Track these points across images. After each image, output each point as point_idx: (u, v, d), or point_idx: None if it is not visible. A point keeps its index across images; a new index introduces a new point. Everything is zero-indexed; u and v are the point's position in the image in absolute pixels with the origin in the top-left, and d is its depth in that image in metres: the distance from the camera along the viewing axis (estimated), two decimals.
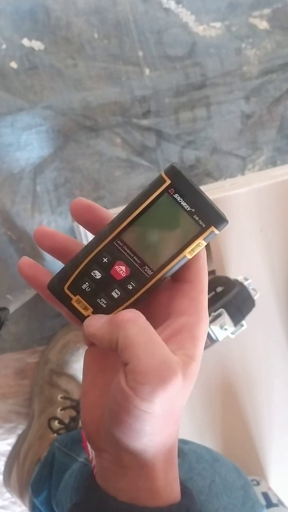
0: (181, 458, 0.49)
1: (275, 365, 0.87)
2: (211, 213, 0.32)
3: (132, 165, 0.84)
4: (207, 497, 0.46)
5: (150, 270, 0.33)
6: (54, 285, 0.34)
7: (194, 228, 0.32)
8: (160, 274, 0.33)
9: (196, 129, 0.86)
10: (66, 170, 0.81)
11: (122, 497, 0.32)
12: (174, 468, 0.34)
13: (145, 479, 0.32)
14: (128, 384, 0.29)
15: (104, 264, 0.33)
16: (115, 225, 0.32)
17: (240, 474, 0.51)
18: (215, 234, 0.32)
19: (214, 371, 0.83)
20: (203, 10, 0.85)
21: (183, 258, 0.32)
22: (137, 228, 0.32)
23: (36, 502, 0.66)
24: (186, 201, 0.31)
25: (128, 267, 0.33)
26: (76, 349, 0.78)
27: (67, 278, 0.34)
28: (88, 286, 0.34)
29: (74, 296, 0.34)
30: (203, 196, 0.31)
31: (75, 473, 0.57)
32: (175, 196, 0.31)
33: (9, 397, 0.81)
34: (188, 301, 0.33)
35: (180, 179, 0.31)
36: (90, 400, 0.34)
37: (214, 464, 0.50)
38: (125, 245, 0.33)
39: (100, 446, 0.33)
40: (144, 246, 0.33)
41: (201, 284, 0.34)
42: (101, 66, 0.82)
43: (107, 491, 0.33)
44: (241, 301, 0.76)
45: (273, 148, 0.90)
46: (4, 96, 0.78)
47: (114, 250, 0.33)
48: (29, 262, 0.35)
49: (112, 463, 0.32)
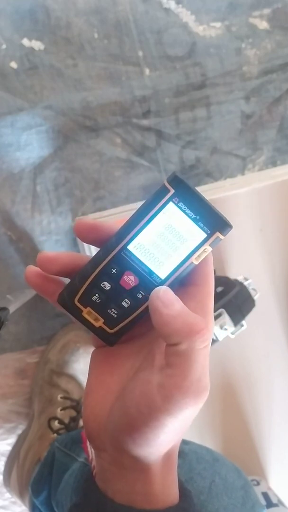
0: (182, 458, 0.49)
1: (275, 365, 0.87)
2: (215, 220, 0.32)
3: (132, 165, 0.84)
4: (208, 497, 0.46)
5: (158, 278, 0.33)
6: (64, 299, 0.35)
7: (200, 235, 0.32)
8: (168, 282, 0.33)
9: (196, 129, 0.86)
10: (66, 170, 0.81)
11: (120, 499, 0.32)
12: (173, 472, 0.34)
13: (143, 483, 0.32)
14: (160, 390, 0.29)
15: (113, 275, 0.33)
16: (122, 237, 0.33)
17: (240, 474, 0.51)
18: (220, 240, 0.33)
19: (214, 371, 0.83)
20: (203, 10, 0.85)
21: (190, 264, 0.33)
22: (144, 238, 0.33)
23: (36, 502, 0.66)
24: (190, 209, 0.32)
25: (136, 277, 0.33)
26: (76, 349, 0.78)
27: (77, 291, 0.34)
28: (98, 297, 0.34)
29: (85, 308, 0.35)
30: (206, 203, 0.32)
31: (75, 473, 0.57)
32: (180, 204, 0.32)
33: (9, 397, 0.81)
34: (194, 304, 0.33)
35: (184, 188, 0.32)
36: (95, 399, 0.34)
37: (214, 464, 0.50)
38: (132, 255, 0.33)
39: (100, 446, 0.33)
40: (151, 255, 0.33)
41: (207, 288, 0.34)
42: (101, 66, 0.82)
43: (105, 492, 0.33)
44: (241, 301, 0.76)
45: (273, 148, 0.90)
46: (4, 96, 0.78)
47: (122, 261, 0.33)
48: (35, 271, 0.35)
49: (111, 464, 0.32)
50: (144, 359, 0.34)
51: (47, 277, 0.35)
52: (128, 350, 0.36)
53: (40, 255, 0.34)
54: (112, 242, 0.33)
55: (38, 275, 0.35)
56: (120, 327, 0.35)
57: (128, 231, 0.33)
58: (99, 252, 0.34)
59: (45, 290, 0.35)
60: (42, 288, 0.35)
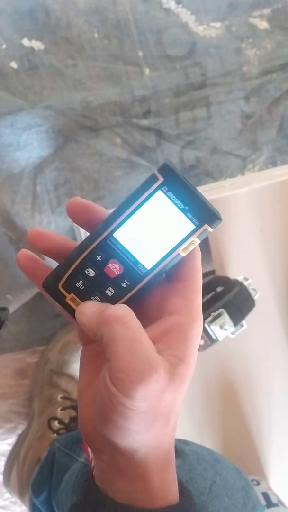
0: (182, 459, 0.49)
1: (275, 365, 0.87)
2: (204, 211, 0.31)
3: (132, 165, 0.84)
4: (208, 498, 0.46)
5: (143, 268, 0.33)
6: (48, 283, 0.35)
7: (188, 226, 0.32)
8: (154, 272, 0.33)
9: (196, 129, 0.86)
10: (66, 170, 0.81)
11: (120, 499, 0.32)
12: (171, 470, 0.34)
13: (141, 481, 0.32)
14: (111, 381, 0.30)
15: (98, 262, 0.33)
16: (108, 223, 0.32)
17: (240, 475, 0.51)
18: (209, 232, 0.32)
19: (214, 371, 0.83)
20: (203, 10, 0.85)
21: (176, 256, 0.32)
22: (131, 226, 0.32)
23: (36, 502, 0.66)
24: (179, 199, 0.31)
25: (121, 265, 0.33)
26: (76, 349, 0.78)
27: (61, 276, 0.34)
28: (82, 284, 0.34)
29: (68, 294, 0.34)
30: (196, 194, 0.31)
31: (76, 473, 0.57)
32: (168, 194, 0.31)
33: (9, 397, 0.81)
34: (181, 300, 0.33)
35: (173, 177, 0.31)
36: (86, 401, 0.34)
37: (215, 465, 0.50)
38: (118, 243, 0.33)
39: (98, 447, 0.33)
40: (137, 244, 0.33)
41: (195, 284, 0.34)
42: (101, 66, 0.82)
43: (105, 493, 0.33)
44: (241, 301, 0.76)
45: (273, 148, 0.90)
46: (4, 96, 0.78)
47: (108, 248, 0.33)
48: (27, 254, 0.35)
49: (109, 464, 0.32)
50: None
51: (38, 261, 0.35)
52: None
53: (31, 229, 0.34)
54: (99, 229, 0.33)
55: (29, 258, 0.35)
56: None
57: (115, 218, 0.32)
58: (86, 238, 0.34)
59: (34, 274, 0.35)
60: (31, 271, 0.35)
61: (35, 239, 0.34)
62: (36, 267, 0.35)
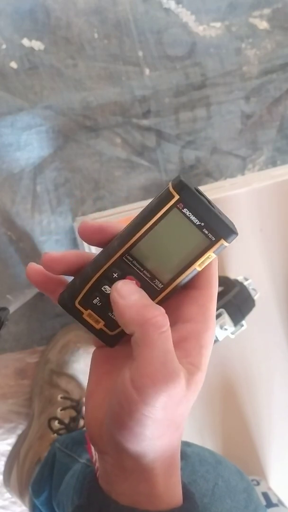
0: (184, 460, 0.49)
1: (275, 365, 0.87)
2: (220, 226, 0.31)
3: (132, 165, 0.84)
4: (211, 500, 0.46)
5: (160, 283, 0.33)
6: (65, 300, 0.34)
7: (204, 241, 0.32)
8: (170, 288, 0.33)
9: (196, 129, 0.86)
10: (66, 170, 0.81)
11: (124, 501, 0.32)
12: (176, 473, 0.34)
13: (146, 484, 0.32)
14: (132, 384, 0.29)
15: (114, 279, 0.33)
16: (124, 241, 0.32)
17: (242, 477, 0.51)
18: (225, 247, 0.32)
19: (214, 371, 0.83)
20: (203, 10, 0.85)
21: (193, 271, 0.32)
22: (146, 243, 0.32)
23: (37, 503, 0.66)
24: (195, 215, 0.31)
25: (138, 281, 0.33)
26: (76, 349, 0.78)
27: (78, 293, 0.34)
28: (99, 300, 0.34)
29: (86, 310, 0.34)
30: (211, 210, 0.31)
31: (77, 474, 0.57)
32: (184, 210, 0.31)
33: (9, 397, 0.81)
34: (196, 308, 0.33)
35: (189, 194, 0.31)
36: (95, 402, 0.34)
37: (217, 467, 0.50)
38: (134, 260, 0.33)
39: (103, 448, 0.33)
40: (153, 261, 0.33)
41: (210, 291, 0.33)
42: (101, 66, 0.82)
43: (109, 494, 0.33)
44: (241, 301, 0.76)
45: (273, 148, 0.90)
46: (4, 96, 0.78)
47: (124, 265, 0.33)
48: (37, 269, 0.34)
49: (114, 466, 0.32)
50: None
51: (49, 275, 0.34)
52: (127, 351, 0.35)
53: (45, 255, 0.33)
54: (114, 246, 0.33)
55: (40, 273, 0.34)
56: (120, 329, 0.34)
57: (131, 236, 0.32)
58: (100, 254, 0.33)
59: (46, 288, 0.35)
60: (44, 286, 0.35)
61: (51, 265, 0.33)
62: (47, 281, 0.34)
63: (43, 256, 0.33)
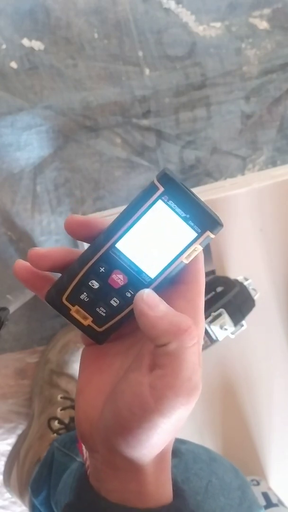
0: (178, 458, 0.49)
1: (275, 365, 0.87)
2: (205, 218, 0.31)
3: (132, 165, 0.84)
4: (204, 498, 0.45)
5: (147, 277, 0.33)
6: (52, 297, 0.34)
7: (190, 234, 0.32)
8: (158, 281, 0.33)
9: (196, 129, 0.86)
10: (66, 170, 0.81)
11: (114, 498, 0.32)
12: (167, 471, 0.34)
13: (136, 482, 0.32)
14: (152, 391, 0.29)
15: (101, 274, 0.33)
16: (110, 235, 0.32)
17: (237, 474, 0.51)
18: (211, 239, 0.32)
19: (214, 371, 0.83)
20: (203, 10, 0.85)
21: (180, 264, 0.32)
22: (133, 236, 0.32)
23: (36, 502, 0.66)
24: (180, 208, 0.31)
25: (125, 276, 0.33)
26: (76, 349, 0.78)
27: (65, 289, 0.34)
28: (86, 296, 0.34)
29: (73, 306, 0.34)
30: (196, 201, 0.31)
31: (74, 473, 0.57)
32: (169, 203, 0.31)
33: (9, 397, 0.81)
34: (184, 302, 0.33)
35: (173, 186, 0.31)
36: (86, 400, 0.34)
37: (211, 464, 0.50)
38: (121, 253, 0.32)
39: (93, 446, 0.33)
40: (140, 254, 0.32)
41: (198, 286, 0.33)
42: (101, 66, 0.82)
43: (99, 492, 0.33)
44: (241, 301, 0.76)
45: (273, 148, 0.90)
46: (4, 96, 0.78)
47: (111, 259, 0.33)
48: (24, 265, 0.34)
49: (104, 464, 0.32)
50: (133, 359, 0.33)
51: (36, 272, 0.34)
52: (117, 348, 0.35)
53: (31, 251, 0.33)
54: (101, 240, 0.33)
55: (27, 270, 0.34)
56: (108, 325, 0.34)
57: (117, 229, 0.32)
58: (87, 250, 0.33)
59: (34, 285, 0.35)
60: (31, 283, 0.35)
61: (37, 261, 0.33)
62: (34, 277, 0.34)
63: (29, 252, 0.33)
